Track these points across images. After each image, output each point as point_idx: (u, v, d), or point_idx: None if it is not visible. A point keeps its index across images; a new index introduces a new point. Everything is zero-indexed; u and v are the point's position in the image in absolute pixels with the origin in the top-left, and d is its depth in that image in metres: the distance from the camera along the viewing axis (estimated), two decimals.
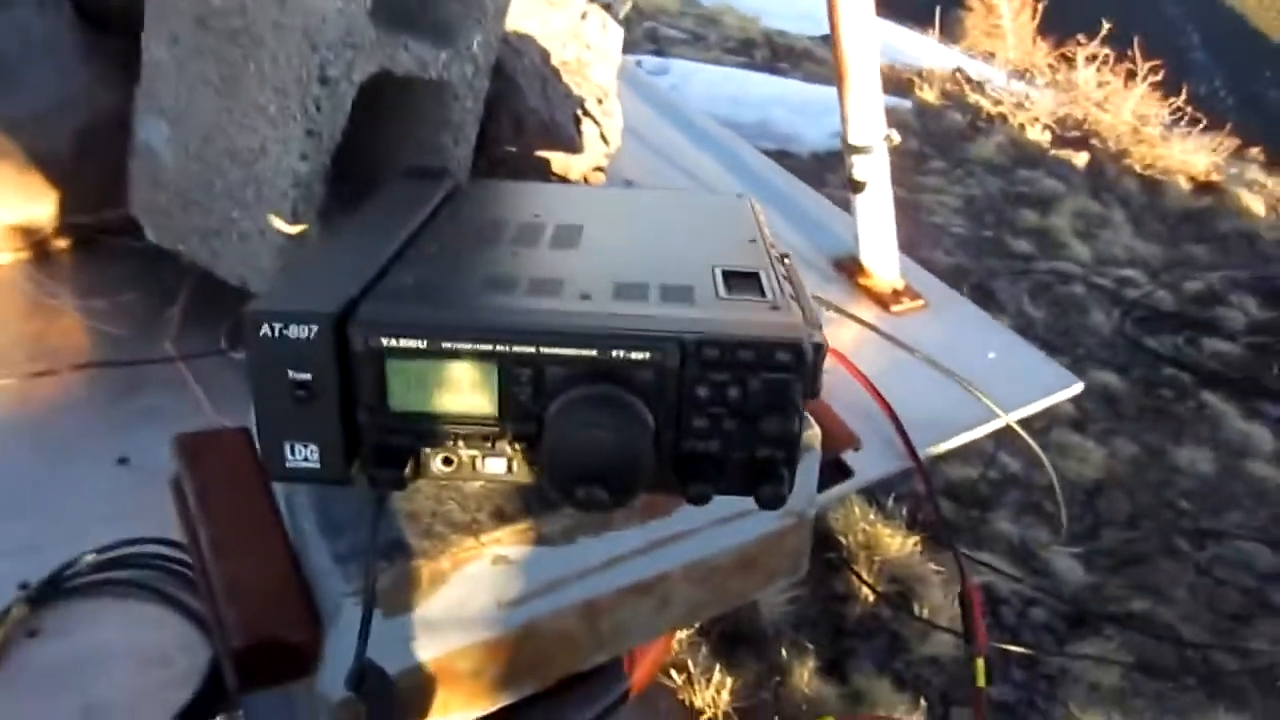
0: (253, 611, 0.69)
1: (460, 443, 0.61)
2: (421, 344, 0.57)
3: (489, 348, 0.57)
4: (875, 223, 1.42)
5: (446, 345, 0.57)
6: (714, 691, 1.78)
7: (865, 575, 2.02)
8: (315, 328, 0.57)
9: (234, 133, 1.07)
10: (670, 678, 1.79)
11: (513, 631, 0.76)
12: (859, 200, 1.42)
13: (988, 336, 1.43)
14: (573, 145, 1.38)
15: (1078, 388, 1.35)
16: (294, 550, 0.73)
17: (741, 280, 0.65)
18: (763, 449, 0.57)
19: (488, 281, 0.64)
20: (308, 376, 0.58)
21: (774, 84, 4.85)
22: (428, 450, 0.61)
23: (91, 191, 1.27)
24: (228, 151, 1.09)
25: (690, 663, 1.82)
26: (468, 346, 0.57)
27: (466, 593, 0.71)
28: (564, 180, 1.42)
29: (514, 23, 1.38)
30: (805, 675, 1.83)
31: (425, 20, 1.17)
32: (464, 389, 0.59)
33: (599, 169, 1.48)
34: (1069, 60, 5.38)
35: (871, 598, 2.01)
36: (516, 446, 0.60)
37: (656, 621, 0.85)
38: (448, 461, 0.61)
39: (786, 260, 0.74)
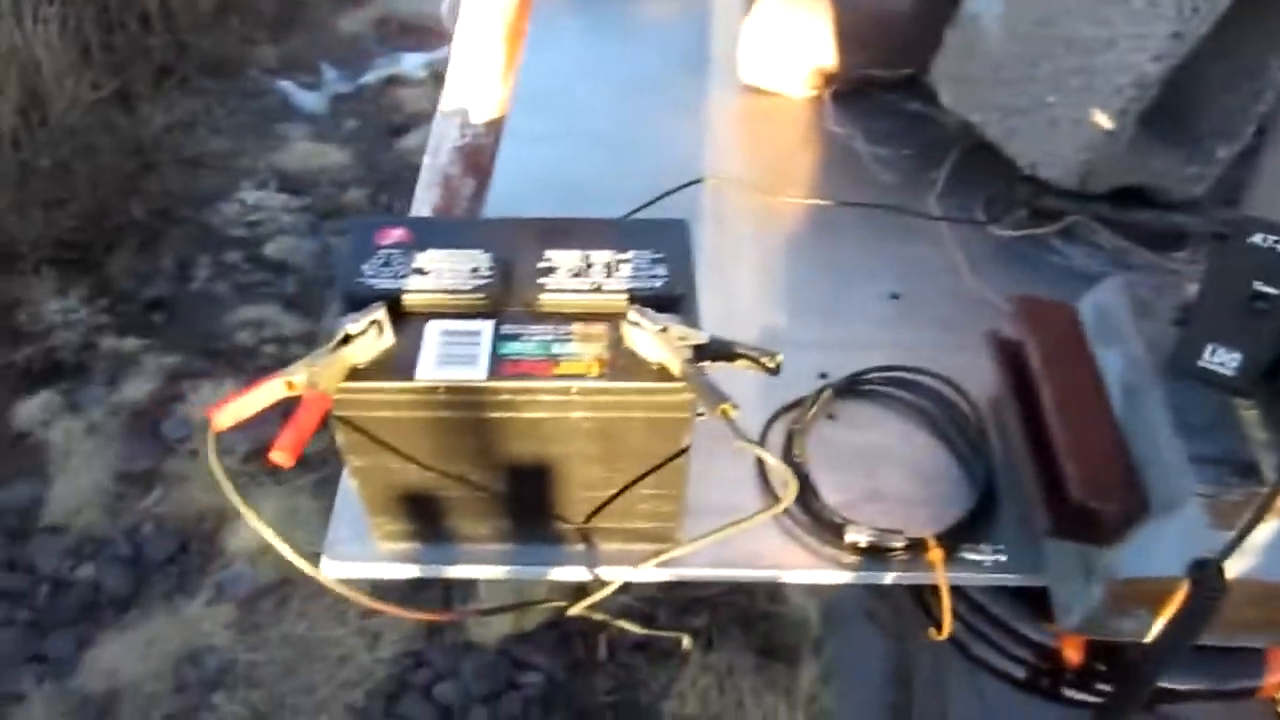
0: (1090, 474, 0.77)
1: None
2: None
3: None
4: None
5: None
6: None
7: None
8: None
9: (1080, 21, 1.11)
10: None
11: None
12: None
13: None
14: None
15: None
16: (1124, 432, 0.80)
17: None
18: None
19: None
20: (1273, 291, 0.62)
21: None
22: None
23: (896, 52, 1.40)
24: (1065, 38, 1.13)
25: None
26: None
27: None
28: None
29: None
30: None
31: None
32: None
33: None
34: None
35: None
36: None
37: None
38: None
39: None
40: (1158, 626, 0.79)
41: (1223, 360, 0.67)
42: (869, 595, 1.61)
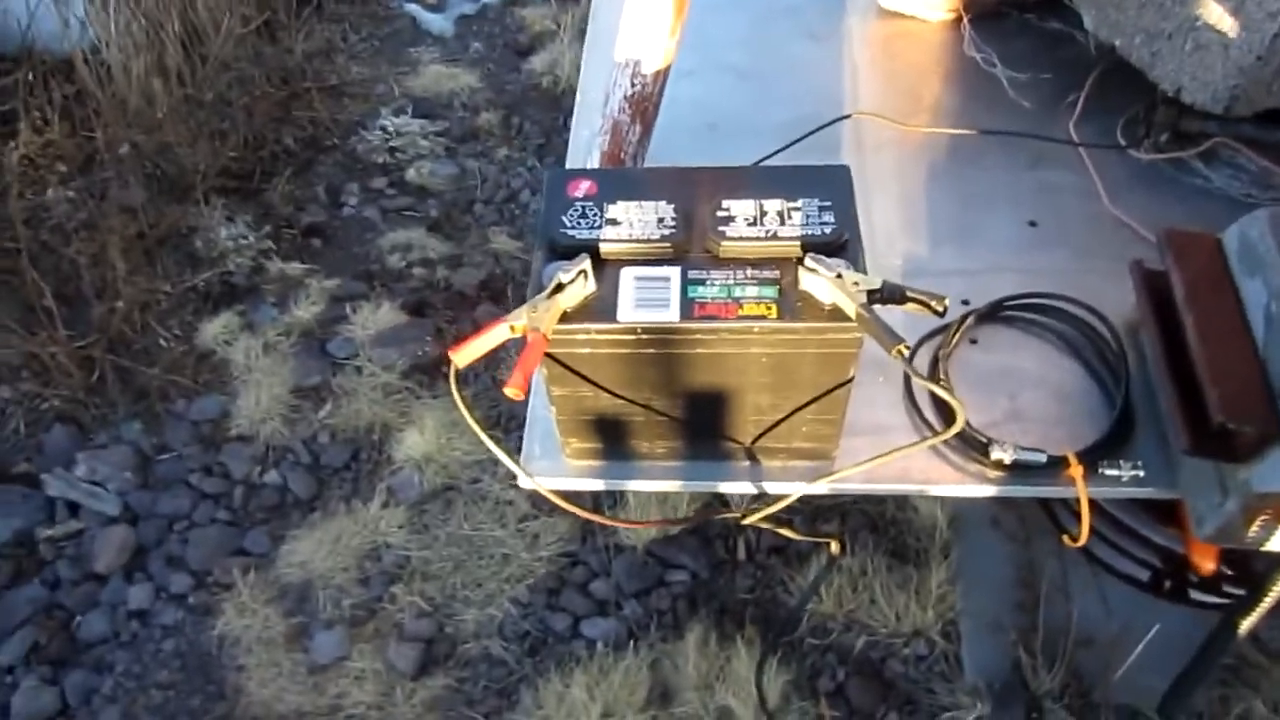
0: (1232, 397, 0.82)
1: None
2: None
3: None
4: None
5: None
6: None
7: None
8: None
9: None
10: None
11: None
12: None
13: None
14: None
15: None
16: (1265, 359, 0.85)
17: None
18: None
19: None
20: None
21: None
22: None
23: None
24: None
25: None
26: None
27: None
28: None
29: None
30: None
31: None
32: None
33: None
34: None
35: None
36: None
37: None
38: None
39: None
40: None
41: None
42: (995, 503, 1.68)
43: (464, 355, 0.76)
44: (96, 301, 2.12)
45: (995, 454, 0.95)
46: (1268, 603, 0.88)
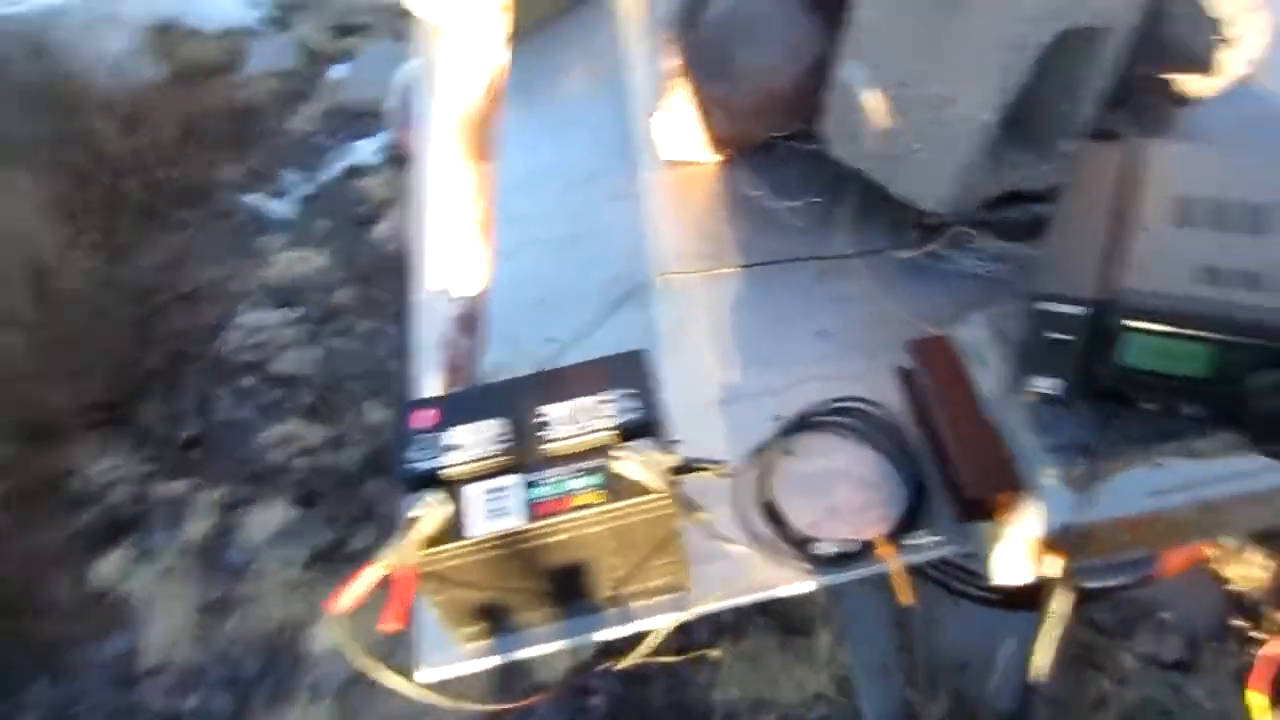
0: (980, 474, 1.01)
1: (1167, 392, 0.86)
2: (1158, 327, 0.82)
3: (1214, 336, 0.80)
4: None
5: (1178, 330, 0.82)
6: (1249, 568, 1.90)
7: None
8: (1081, 310, 0.84)
9: (928, 83, 1.34)
10: None
11: (1149, 514, 1.01)
12: None
13: None
14: (1209, 69, 1.46)
15: None
16: (999, 434, 1.04)
17: None
18: None
19: (1206, 271, 0.85)
20: (1067, 338, 0.86)
21: None
22: (1142, 394, 0.87)
23: (790, 113, 1.64)
24: (920, 97, 1.36)
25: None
26: (1195, 333, 0.81)
27: (1127, 483, 0.97)
28: (1186, 102, 1.51)
29: None
30: None
31: None
32: (1181, 358, 0.83)
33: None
34: None
35: None
36: (1214, 401, 0.84)
37: (1249, 520, 1.05)
38: (1154, 403, 0.87)
39: None
40: (1054, 568, 1.04)
41: (1050, 386, 0.91)
42: None
43: (343, 602, 0.89)
44: None
45: (818, 550, 1.12)
46: (1052, 626, 1.06)
